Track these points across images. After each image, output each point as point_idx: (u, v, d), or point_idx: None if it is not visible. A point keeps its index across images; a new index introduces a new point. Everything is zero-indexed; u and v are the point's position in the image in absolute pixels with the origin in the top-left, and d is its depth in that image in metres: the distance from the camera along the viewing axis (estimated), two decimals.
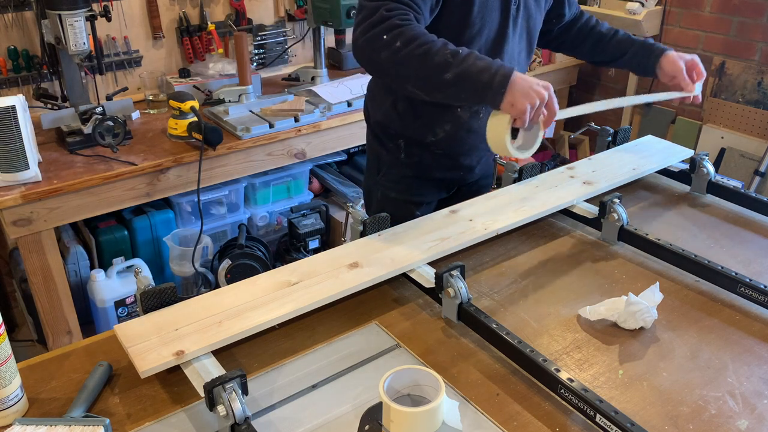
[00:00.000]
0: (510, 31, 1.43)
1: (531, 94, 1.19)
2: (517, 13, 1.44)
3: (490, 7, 1.38)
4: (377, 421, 0.88)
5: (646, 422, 0.91)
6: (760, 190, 2.85)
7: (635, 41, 1.59)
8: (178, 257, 2.52)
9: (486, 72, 1.20)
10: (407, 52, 1.22)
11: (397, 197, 1.63)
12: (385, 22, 1.24)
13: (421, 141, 1.54)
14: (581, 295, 1.19)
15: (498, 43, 1.43)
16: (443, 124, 1.51)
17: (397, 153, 1.58)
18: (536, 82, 1.21)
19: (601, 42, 1.63)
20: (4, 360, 0.90)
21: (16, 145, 1.87)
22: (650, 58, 1.55)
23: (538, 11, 1.51)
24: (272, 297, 1.10)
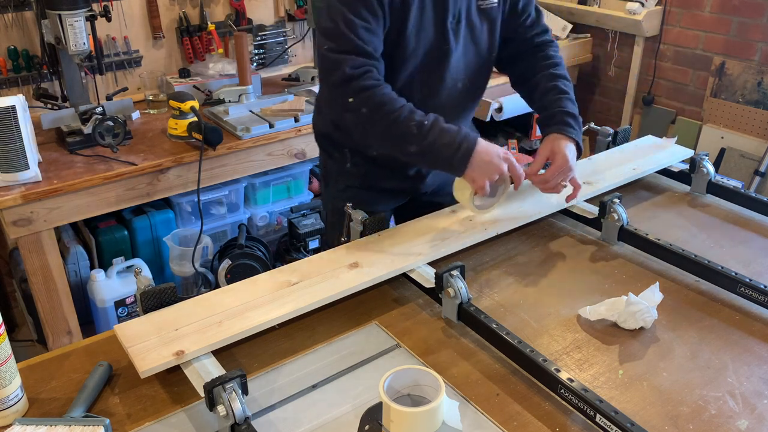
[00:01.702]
0: (452, 45, 1.37)
1: (490, 170, 1.24)
2: (458, 27, 1.37)
3: (425, 24, 1.33)
4: (377, 421, 0.88)
5: (646, 422, 0.91)
6: (760, 190, 2.85)
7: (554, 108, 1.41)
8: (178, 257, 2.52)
9: (448, 148, 1.23)
10: (373, 119, 1.24)
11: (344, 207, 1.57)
12: (351, 83, 1.23)
13: (365, 152, 1.50)
14: (581, 295, 1.19)
15: (440, 58, 1.38)
16: None
17: (343, 163, 1.54)
18: (497, 155, 1.24)
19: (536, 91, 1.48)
20: (4, 360, 0.90)
21: (16, 145, 1.87)
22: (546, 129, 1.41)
23: (487, 23, 1.42)
24: (272, 297, 1.10)
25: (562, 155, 1.32)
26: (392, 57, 1.33)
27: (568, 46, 3.32)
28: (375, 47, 1.27)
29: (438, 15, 1.33)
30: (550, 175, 1.33)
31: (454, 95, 1.44)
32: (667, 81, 3.21)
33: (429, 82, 1.39)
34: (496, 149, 1.25)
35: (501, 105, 2.93)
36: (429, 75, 1.38)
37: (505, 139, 3.45)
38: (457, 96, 1.45)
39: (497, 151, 1.25)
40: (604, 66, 3.45)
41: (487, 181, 1.24)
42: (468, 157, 1.23)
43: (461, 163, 1.23)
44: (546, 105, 1.44)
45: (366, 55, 1.25)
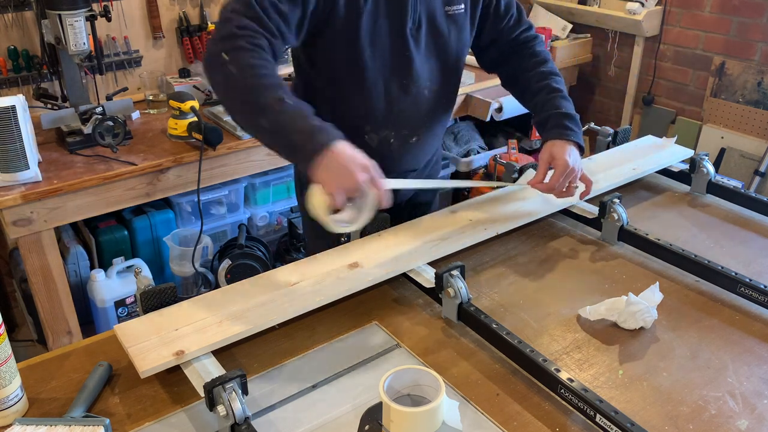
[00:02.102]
0: (413, 52, 1.32)
1: (343, 177, 1.06)
2: (418, 32, 1.32)
3: (380, 30, 1.28)
4: (377, 421, 0.88)
5: (646, 422, 0.91)
6: (760, 190, 2.85)
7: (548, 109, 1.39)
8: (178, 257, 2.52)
9: (301, 134, 1.08)
10: (236, 81, 1.12)
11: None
12: (232, 41, 1.13)
13: None
14: (581, 295, 1.19)
15: (401, 65, 1.33)
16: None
17: None
18: (357, 163, 1.07)
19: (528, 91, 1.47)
20: (4, 360, 0.90)
21: (16, 145, 1.87)
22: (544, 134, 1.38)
23: (454, 29, 1.36)
24: (272, 297, 1.10)
25: (562, 161, 1.29)
26: (350, 64, 1.29)
27: (568, 46, 3.32)
28: (276, 27, 1.17)
29: (394, 21, 1.28)
30: (554, 182, 1.31)
31: (420, 103, 1.39)
32: (667, 81, 3.21)
33: (391, 90, 1.34)
34: (359, 157, 1.08)
35: (501, 105, 2.93)
36: (391, 82, 1.34)
37: (505, 139, 3.45)
38: (424, 104, 1.40)
39: (359, 160, 1.08)
40: (604, 66, 3.45)
41: (339, 190, 1.06)
42: (318, 152, 1.06)
43: (310, 157, 1.06)
44: (540, 106, 1.41)
45: (261, 25, 1.15)
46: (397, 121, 1.39)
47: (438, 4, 1.33)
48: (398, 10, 1.28)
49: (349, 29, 1.26)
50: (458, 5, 1.35)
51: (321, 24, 1.25)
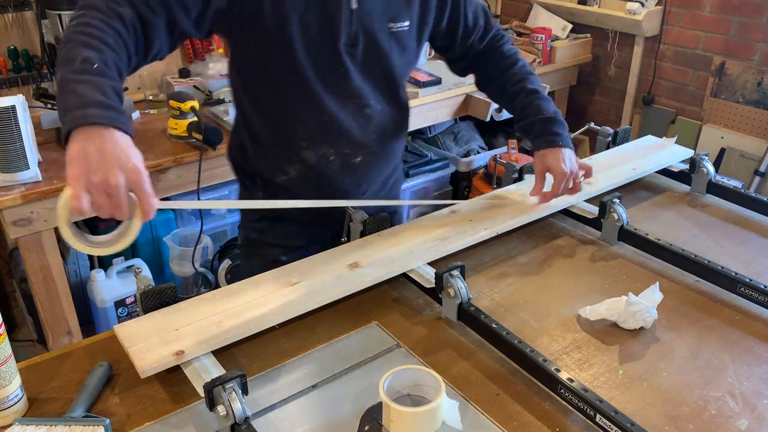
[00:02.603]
0: (350, 69, 1.26)
1: (94, 169, 0.84)
2: (354, 49, 1.25)
3: (312, 40, 1.21)
4: (377, 421, 0.88)
5: (646, 422, 0.91)
6: (760, 190, 2.85)
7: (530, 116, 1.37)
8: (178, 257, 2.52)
9: (78, 99, 0.89)
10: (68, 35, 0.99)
11: (259, 239, 1.46)
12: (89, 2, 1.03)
13: (275, 181, 1.38)
14: (581, 295, 1.19)
15: (337, 81, 1.27)
16: (293, 163, 1.35)
17: (254, 191, 1.42)
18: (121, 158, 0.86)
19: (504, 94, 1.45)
20: (4, 360, 0.90)
21: (16, 145, 1.87)
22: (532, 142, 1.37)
23: (397, 46, 1.30)
24: (272, 297, 1.10)
25: (559, 170, 1.30)
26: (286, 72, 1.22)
27: (568, 46, 3.32)
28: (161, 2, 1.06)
29: (327, 37, 1.21)
30: (557, 189, 1.32)
31: (362, 122, 1.33)
32: (667, 81, 3.21)
33: (328, 105, 1.28)
34: (130, 155, 0.87)
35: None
36: (327, 97, 1.27)
37: (505, 139, 3.46)
38: (367, 123, 1.34)
39: (130, 158, 0.86)
40: (604, 66, 3.45)
41: (83, 185, 0.84)
42: (83, 123, 0.86)
43: (71, 123, 0.87)
44: (520, 110, 1.39)
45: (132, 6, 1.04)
46: (337, 138, 1.32)
47: (379, 20, 1.25)
48: (329, 25, 1.21)
49: (280, 36, 1.19)
50: (402, 22, 1.28)
51: (246, 26, 1.18)
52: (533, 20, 3.50)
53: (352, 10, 1.21)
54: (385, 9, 1.25)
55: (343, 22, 1.21)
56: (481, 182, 3.07)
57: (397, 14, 1.27)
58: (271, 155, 1.36)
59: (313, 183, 1.37)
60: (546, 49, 3.20)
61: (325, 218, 1.41)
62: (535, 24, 3.42)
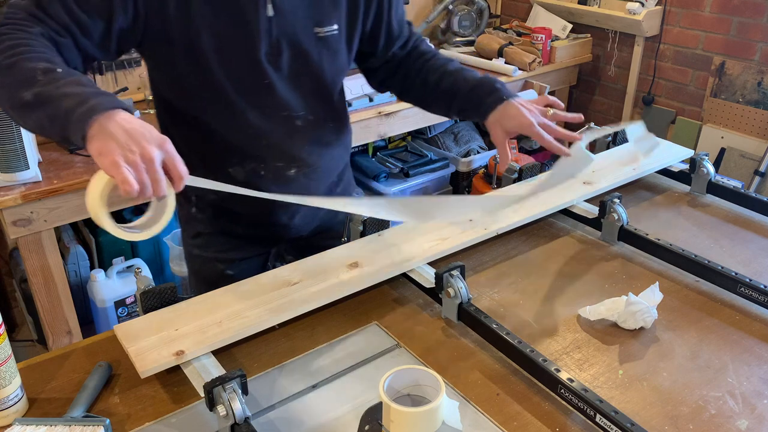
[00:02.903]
0: (274, 79, 1.18)
1: (128, 142, 0.84)
2: (278, 58, 1.17)
3: (229, 52, 1.14)
4: (377, 421, 0.88)
5: (646, 422, 0.91)
6: (760, 190, 2.85)
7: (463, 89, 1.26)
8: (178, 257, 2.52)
9: (73, 99, 0.87)
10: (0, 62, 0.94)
11: (201, 254, 1.40)
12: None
13: (206, 198, 1.33)
14: (581, 295, 1.19)
15: (261, 94, 1.20)
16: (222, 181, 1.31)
17: (188, 208, 1.37)
18: (144, 132, 0.85)
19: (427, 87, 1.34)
20: (4, 360, 0.90)
21: (16, 145, 1.87)
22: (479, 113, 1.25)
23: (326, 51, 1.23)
24: (272, 297, 1.10)
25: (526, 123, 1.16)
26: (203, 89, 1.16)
27: (568, 46, 3.32)
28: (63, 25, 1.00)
29: (245, 49, 1.14)
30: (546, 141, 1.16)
31: (292, 134, 1.26)
32: (667, 81, 3.21)
33: (253, 120, 1.22)
34: (150, 127, 0.88)
35: None
36: (251, 111, 1.21)
37: None
38: (298, 134, 1.27)
39: (149, 129, 0.87)
40: (604, 66, 3.45)
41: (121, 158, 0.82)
42: (95, 115, 0.85)
43: (83, 122, 0.85)
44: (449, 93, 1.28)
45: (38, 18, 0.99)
46: (265, 153, 1.26)
47: (303, 25, 1.18)
48: (246, 36, 1.13)
49: (192, 51, 1.11)
50: (330, 26, 1.21)
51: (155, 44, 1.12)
52: (533, 20, 3.50)
53: (270, 18, 1.13)
54: (309, 13, 1.18)
55: (261, 32, 1.13)
56: (481, 182, 3.07)
57: (322, 18, 1.20)
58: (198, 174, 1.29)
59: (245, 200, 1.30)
60: (546, 49, 3.20)
61: (264, 231, 1.39)
62: (535, 24, 3.42)
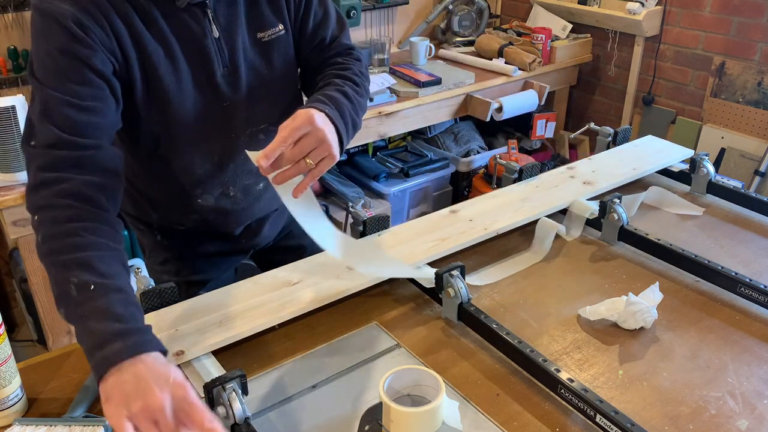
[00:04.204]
0: (234, 99, 1.15)
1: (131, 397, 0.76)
2: (235, 76, 1.13)
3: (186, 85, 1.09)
4: (377, 421, 0.88)
5: (646, 422, 0.91)
6: (760, 190, 2.85)
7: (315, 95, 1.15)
8: None
9: (92, 338, 0.82)
10: (41, 252, 0.91)
11: (169, 280, 1.28)
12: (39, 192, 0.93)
13: (172, 228, 1.32)
14: (581, 295, 1.19)
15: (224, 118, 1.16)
16: (188, 215, 1.28)
17: (152, 236, 1.35)
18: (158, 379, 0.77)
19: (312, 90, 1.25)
20: (4, 360, 0.90)
21: (16, 145, 1.87)
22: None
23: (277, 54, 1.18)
24: (272, 297, 1.10)
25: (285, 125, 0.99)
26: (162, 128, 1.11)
27: (568, 46, 3.32)
28: (88, 130, 0.96)
29: (199, 73, 1.10)
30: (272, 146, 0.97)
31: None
32: (667, 81, 3.21)
33: (216, 148, 1.18)
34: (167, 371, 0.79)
35: (501, 105, 2.93)
36: (215, 140, 1.17)
37: (505, 139, 3.46)
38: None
39: (164, 374, 0.78)
40: (604, 66, 3.45)
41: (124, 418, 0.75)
42: (106, 368, 0.79)
43: (97, 371, 0.80)
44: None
45: (70, 146, 0.94)
46: (232, 174, 1.24)
47: (243, 35, 1.14)
48: (199, 59, 1.09)
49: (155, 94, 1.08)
50: (273, 28, 1.17)
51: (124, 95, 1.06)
52: (533, 20, 3.50)
53: (217, 38, 1.10)
54: (247, 21, 1.14)
55: (212, 54, 1.10)
56: (481, 182, 3.07)
57: (262, 23, 1.16)
58: (163, 211, 1.28)
59: (217, 222, 1.30)
60: (546, 49, 3.20)
61: (232, 244, 1.37)
62: (535, 24, 3.42)
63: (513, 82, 3.08)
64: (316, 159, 1.00)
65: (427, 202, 3.24)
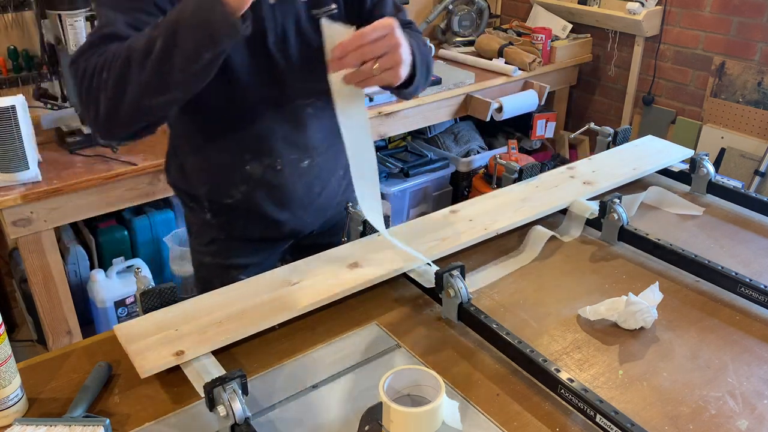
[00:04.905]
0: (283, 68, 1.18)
1: None
2: (285, 45, 1.17)
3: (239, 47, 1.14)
4: (377, 421, 0.88)
5: (646, 422, 0.91)
6: (760, 190, 2.85)
7: None
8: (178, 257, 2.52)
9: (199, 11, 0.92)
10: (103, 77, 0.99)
11: (212, 262, 1.41)
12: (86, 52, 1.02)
13: (220, 203, 1.35)
14: (581, 295, 1.19)
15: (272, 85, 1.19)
16: (237, 185, 1.32)
17: (201, 213, 1.38)
18: None
19: None
20: (4, 360, 0.90)
21: (16, 145, 1.87)
22: None
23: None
24: (272, 297, 1.10)
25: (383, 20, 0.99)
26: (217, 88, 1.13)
27: (568, 46, 3.32)
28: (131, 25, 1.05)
29: (254, 38, 1.12)
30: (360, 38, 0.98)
31: (304, 123, 1.27)
32: (667, 81, 3.21)
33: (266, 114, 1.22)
34: None
35: (501, 105, 2.94)
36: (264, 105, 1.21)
37: (505, 139, 3.46)
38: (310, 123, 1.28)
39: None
40: (604, 66, 3.45)
41: None
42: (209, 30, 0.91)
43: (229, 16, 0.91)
44: None
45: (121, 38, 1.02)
46: (280, 146, 1.28)
47: (300, 9, 1.17)
48: (254, 23, 1.10)
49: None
50: (328, 5, 1.18)
51: None
52: (533, 20, 3.50)
53: (273, 5, 1.15)
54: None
55: (266, 20, 1.14)
56: (481, 182, 3.07)
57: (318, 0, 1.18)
58: (214, 180, 1.32)
59: (263, 198, 1.33)
60: (546, 49, 3.20)
61: (278, 229, 1.39)
62: (535, 24, 3.42)
63: (513, 82, 3.08)
64: (383, 66, 0.99)
65: (427, 202, 3.24)
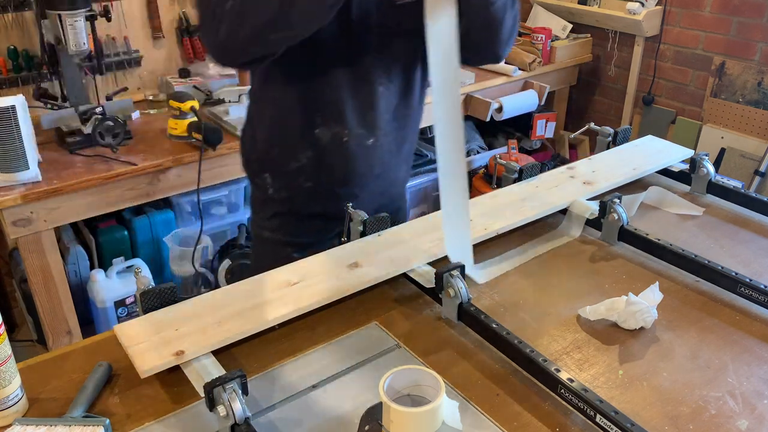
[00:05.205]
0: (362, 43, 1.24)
1: None
2: (366, 22, 1.23)
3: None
4: (377, 421, 0.88)
5: (646, 422, 0.91)
6: (760, 190, 2.85)
7: None
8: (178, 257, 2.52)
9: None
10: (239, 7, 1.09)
11: (271, 237, 1.47)
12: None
13: (286, 171, 1.41)
14: (581, 295, 1.19)
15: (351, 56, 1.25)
16: (304, 149, 1.37)
17: (265, 189, 1.45)
18: None
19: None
20: (4, 360, 0.90)
21: (16, 145, 1.87)
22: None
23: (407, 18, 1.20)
24: (272, 297, 1.10)
25: None
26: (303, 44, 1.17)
27: (568, 46, 3.32)
28: None
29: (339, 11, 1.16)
30: None
31: (375, 100, 1.32)
32: (667, 81, 3.21)
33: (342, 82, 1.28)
34: None
35: (501, 105, 2.94)
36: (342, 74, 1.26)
37: (505, 139, 3.46)
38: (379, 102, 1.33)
39: None
40: (604, 66, 3.45)
41: None
42: None
43: None
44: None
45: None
46: (350, 116, 1.32)
47: None
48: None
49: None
50: None
51: None
52: (533, 20, 3.50)
53: None
54: None
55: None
56: (481, 182, 3.07)
57: None
58: (283, 143, 1.37)
59: (328, 167, 1.38)
60: (546, 49, 3.20)
61: (338, 205, 1.40)
62: (535, 24, 3.42)
63: (513, 82, 3.08)
64: None
65: (427, 202, 3.24)
